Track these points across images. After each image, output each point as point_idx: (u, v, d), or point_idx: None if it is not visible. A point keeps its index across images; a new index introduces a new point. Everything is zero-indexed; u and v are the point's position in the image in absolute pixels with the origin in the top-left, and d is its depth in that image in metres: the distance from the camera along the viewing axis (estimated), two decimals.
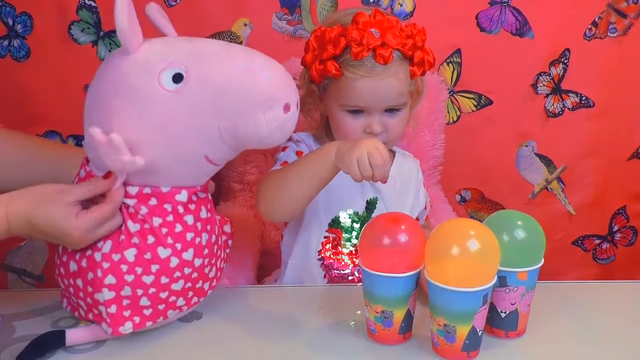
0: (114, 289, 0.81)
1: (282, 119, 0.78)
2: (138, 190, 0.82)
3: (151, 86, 0.77)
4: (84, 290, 0.82)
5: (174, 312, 0.87)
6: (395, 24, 0.94)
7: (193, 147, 0.80)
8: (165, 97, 0.77)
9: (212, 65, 0.78)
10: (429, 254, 0.80)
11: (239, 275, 1.12)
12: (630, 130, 1.57)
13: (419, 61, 0.96)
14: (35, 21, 1.38)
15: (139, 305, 0.83)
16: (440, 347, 0.80)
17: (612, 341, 0.88)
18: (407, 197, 1.09)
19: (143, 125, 0.78)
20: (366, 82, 0.94)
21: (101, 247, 0.81)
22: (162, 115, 0.78)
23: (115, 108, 0.78)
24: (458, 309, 0.77)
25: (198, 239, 0.86)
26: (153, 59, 0.78)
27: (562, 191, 1.61)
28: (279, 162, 1.03)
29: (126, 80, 0.78)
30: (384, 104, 0.97)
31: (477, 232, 0.78)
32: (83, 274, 0.82)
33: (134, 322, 0.83)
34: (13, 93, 1.41)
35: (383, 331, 0.84)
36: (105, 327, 0.82)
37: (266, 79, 0.78)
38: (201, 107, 0.77)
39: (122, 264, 0.81)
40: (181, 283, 0.85)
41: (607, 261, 1.71)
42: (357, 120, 0.99)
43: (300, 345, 0.86)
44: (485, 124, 1.53)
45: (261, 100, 0.77)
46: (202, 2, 1.39)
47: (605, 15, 1.47)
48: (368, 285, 0.83)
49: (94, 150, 0.79)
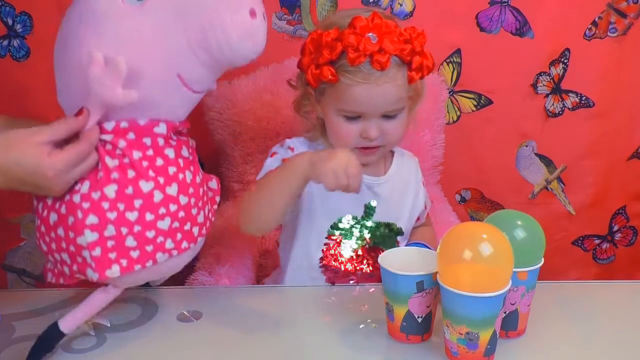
0: (97, 229, 0.77)
1: (250, 24, 0.77)
2: (115, 125, 0.79)
3: (113, 4, 0.76)
4: (65, 239, 0.79)
5: (163, 255, 0.82)
6: (393, 29, 0.93)
7: (164, 64, 0.77)
8: (129, 13, 0.76)
9: None
10: (442, 261, 0.79)
11: (239, 275, 1.12)
12: (630, 130, 1.57)
13: (417, 66, 0.94)
14: (35, 21, 1.38)
15: (125, 246, 0.79)
16: (461, 355, 0.79)
17: (612, 341, 0.87)
18: (406, 198, 1.09)
19: (111, 48, 0.75)
20: (363, 88, 0.93)
21: (79, 188, 0.78)
22: (128, 33, 0.76)
23: (82, 36, 0.76)
24: (482, 315, 0.76)
25: (181, 175, 0.83)
26: None
27: (562, 191, 1.61)
28: (264, 170, 1.02)
29: (89, 5, 0.77)
30: (381, 110, 0.96)
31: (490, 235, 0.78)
32: (63, 220, 0.78)
33: (121, 265, 0.79)
34: (13, 93, 1.41)
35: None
36: (90, 274, 0.78)
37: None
38: (166, 18, 0.76)
39: (102, 202, 0.77)
40: (167, 221, 0.81)
41: (607, 261, 1.71)
42: (353, 125, 0.97)
43: (300, 345, 0.86)
44: (485, 124, 1.53)
45: (229, 5, 0.76)
46: None
47: (605, 15, 1.47)
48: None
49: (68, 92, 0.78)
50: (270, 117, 1.31)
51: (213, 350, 0.86)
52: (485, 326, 0.77)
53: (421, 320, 0.84)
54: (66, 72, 0.81)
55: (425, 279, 0.82)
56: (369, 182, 1.04)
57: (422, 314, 0.84)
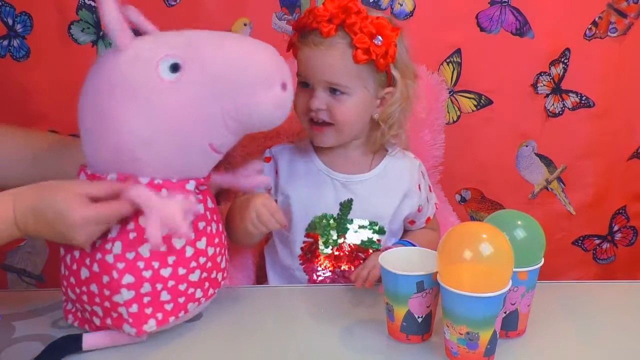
0: (133, 287, 0.80)
1: (281, 97, 0.81)
2: (149, 182, 0.81)
3: (150, 79, 0.78)
4: (100, 295, 0.81)
5: (193, 305, 0.87)
6: (357, 10, 0.96)
7: (198, 135, 0.81)
8: (166, 87, 0.78)
9: (207, 51, 0.80)
10: (442, 261, 0.79)
11: (239, 275, 1.12)
12: (630, 130, 1.57)
13: (363, 47, 0.96)
14: (35, 21, 1.38)
15: (160, 300, 0.82)
16: (461, 355, 0.79)
17: (612, 341, 0.88)
18: (391, 197, 1.08)
19: (147, 119, 0.78)
20: (308, 52, 0.98)
21: (110, 249, 0.80)
22: (165, 107, 0.78)
23: (115, 108, 0.79)
24: (482, 315, 0.77)
25: (209, 227, 0.87)
26: (147, 52, 0.79)
27: (562, 191, 1.61)
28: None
29: (123, 77, 0.78)
30: (322, 77, 0.98)
31: (490, 235, 0.78)
32: (97, 278, 0.81)
33: (157, 319, 0.82)
34: (13, 93, 1.41)
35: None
36: (128, 329, 0.81)
37: (264, 59, 0.81)
38: (202, 93, 0.79)
39: (138, 261, 0.80)
40: (197, 273, 0.85)
41: (607, 261, 1.71)
42: (303, 93, 1.01)
43: (300, 345, 0.86)
44: (485, 124, 1.53)
45: (261, 80, 0.80)
46: (202, 2, 1.39)
47: (606, 15, 1.47)
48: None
49: (98, 154, 0.80)
50: None
51: (213, 350, 0.86)
52: (486, 326, 0.77)
53: (421, 320, 0.84)
54: (95, 132, 0.82)
55: (426, 279, 0.82)
56: (344, 179, 1.06)
57: (422, 314, 0.84)
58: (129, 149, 0.79)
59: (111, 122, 0.79)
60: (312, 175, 1.07)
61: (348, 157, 1.08)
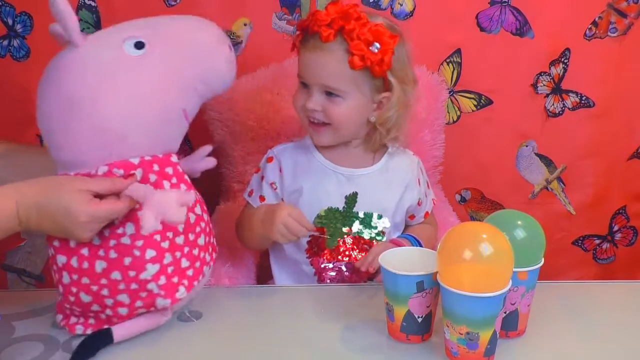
0: (157, 260, 0.83)
1: (230, 55, 0.94)
2: (140, 160, 0.85)
3: (119, 58, 0.84)
4: (124, 279, 0.82)
5: (207, 268, 0.92)
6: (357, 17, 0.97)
7: (174, 101, 0.87)
8: (136, 63, 0.84)
9: (166, 28, 0.90)
10: (442, 261, 0.79)
11: (239, 275, 1.12)
12: (630, 130, 1.57)
13: (359, 54, 0.97)
14: (35, 21, 1.38)
15: (182, 267, 0.86)
16: (461, 355, 0.80)
17: (612, 341, 0.88)
18: (392, 191, 1.10)
19: (125, 95, 0.83)
20: (308, 54, 1.01)
21: (123, 232, 0.82)
22: (139, 80, 0.84)
23: (90, 92, 0.81)
24: (482, 315, 0.77)
25: (197, 194, 0.91)
26: (108, 36, 0.87)
27: (562, 191, 1.61)
28: (249, 189, 1.14)
29: (91, 62, 0.83)
30: (318, 80, 1.01)
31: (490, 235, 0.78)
32: (117, 264, 0.82)
33: (184, 285, 0.86)
34: (13, 93, 1.41)
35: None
36: (161, 302, 0.84)
37: (212, 29, 0.94)
38: (171, 63, 0.86)
39: (154, 235, 0.83)
40: (203, 237, 0.91)
41: (607, 261, 1.71)
42: (302, 93, 1.04)
43: (300, 345, 0.86)
44: (485, 124, 1.53)
45: (214, 44, 0.92)
46: (202, 2, 1.39)
47: (606, 15, 1.46)
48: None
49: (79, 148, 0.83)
50: (270, 116, 1.31)
51: (213, 350, 0.86)
52: (486, 326, 0.77)
53: (421, 320, 0.84)
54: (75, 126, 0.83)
55: (426, 279, 0.82)
56: (348, 173, 1.08)
57: (422, 314, 0.84)
58: (113, 128, 0.82)
59: (89, 108, 0.81)
60: (316, 170, 1.09)
61: (350, 153, 1.10)
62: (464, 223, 0.89)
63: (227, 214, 1.30)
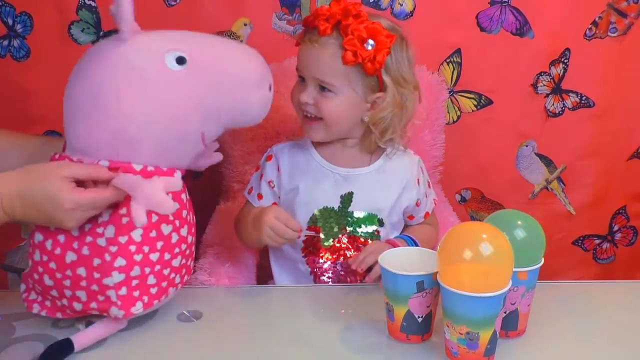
0: (124, 270, 0.82)
1: (268, 97, 0.92)
2: (142, 168, 0.83)
3: (157, 67, 0.83)
4: (87, 278, 0.82)
5: (173, 289, 0.89)
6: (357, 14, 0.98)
7: (195, 124, 0.86)
8: (172, 77, 0.83)
9: (211, 50, 0.88)
10: (442, 261, 0.79)
11: (239, 275, 1.12)
12: (630, 130, 1.57)
13: (351, 50, 0.97)
14: (35, 21, 1.38)
15: (147, 284, 0.85)
16: (461, 355, 0.79)
17: (612, 341, 0.88)
18: (390, 190, 1.10)
19: (150, 104, 0.82)
20: (305, 47, 1.02)
21: (102, 232, 0.82)
22: (168, 95, 0.83)
23: (119, 91, 0.81)
24: (482, 315, 0.77)
25: (189, 216, 0.90)
26: (154, 43, 0.84)
27: (562, 191, 1.61)
28: (248, 186, 1.14)
29: (129, 63, 0.82)
30: (313, 73, 1.02)
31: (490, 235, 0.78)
32: (86, 261, 0.82)
33: (143, 301, 0.85)
34: (13, 93, 1.41)
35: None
36: (115, 312, 0.83)
37: (258, 63, 0.91)
38: (205, 86, 0.85)
39: (130, 245, 0.82)
40: (179, 259, 0.88)
41: (607, 261, 1.71)
42: (299, 87, 1.05)
43: (300, 345, 0.86)
44: (485, 124, 1.53)
45: (256, 80, 0.89)
46: (202, 2, 1.39)
47: (606, 15, 1.47)
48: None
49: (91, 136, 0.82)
50: (270, 116, 1.28)
51: (213, 350, 0.86)
52: (486, 326, 0.77)
53: (421, 320, 0.84)
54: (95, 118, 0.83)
55: (426, 279, 0.82)
56: (344, 173, 1.09)
57: (422, 314, 0.84)
58: (128, 131, 0.82)
59: (113, 103, 0.81)
60: (313, 169, 1.09)
61: (347, 153, 1.10)
62: (464, 223, 0.89)
63: (227, 214, 1.30)
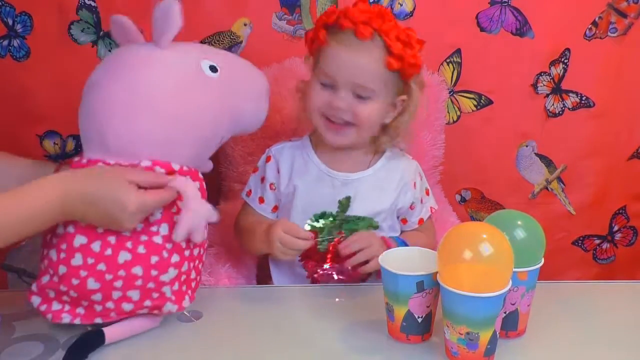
0: (178, 266, 0.86)
1: (267, 109, 1.02)
2: (180, 168, 0.88)
3: (197, 73, 0.90)
4: (144, 276, 0.83)
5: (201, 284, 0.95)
6: (389, 17, 0.98)
7: (223, 128, 0.95)
8: (209, 82, 0.90)
9: (233, 61, 0.98)
10: (442, 261, 0.79)
11: (239, 275, 1.12)
12: (630, 130, 1.57)
13: (397, 54, 0.97)
14: (35, 21, 1.38)
15: (190, 278, 0.90)
16: (461, 355, 0.79)
17: (612, 341, 0.88)
18: (386, 194, 1.09)
19: (193, 107, 0.88)
20: (339, 50, 0.98)
21: (157, 230, 0.84)
22: (206, 98, 0.90)
23: (167, 92, 0.86)
24: (482, 315, 0.77)
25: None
26: (192, 52, 0.92)
27: (562, 191, 1.61)
28: (248, 187, 1.14)
29: (173, 67, 0.88)
30: (351, 79, 0.98)
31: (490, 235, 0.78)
32: (142, 260, 0.83)
33: (189, 295, 0.90)
34: (13, 93, 1.41)
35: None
36: (169, 307, 0.86)
37: (266, 79, 1.02)
38: (232, 92, 0.94)
39: (182, 242, 0.85)
40: (204, 255, 0.94)
41: (607, 261, 1.71)
42: (324, 93, 1.01)
43: (300, 345, 0.86)
44: (485, 124, 1.53)
45: (266, 91, 1.02)
46: (202, 2, 1.39)
47: (606, 15, 1.47)
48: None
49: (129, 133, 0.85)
50: (270, 116, 1.29)
51: (213, 350, 0.86)
52: (486, 326, 0.77)
53: (421, 320, 0.84)
54: (137, 118, 0.86)
55: (425, 279, 0.82)
56: (343, 178, 1.07)
57: (422, 314, 0.84)
58: (174, 131, 0.87)
59: (161, 104, 0.86)
60: (312, 173, 1.08)
61: (348, 156, 1.09)
62: (464, 223, 0.89)
63: (227, 214, 1.30)
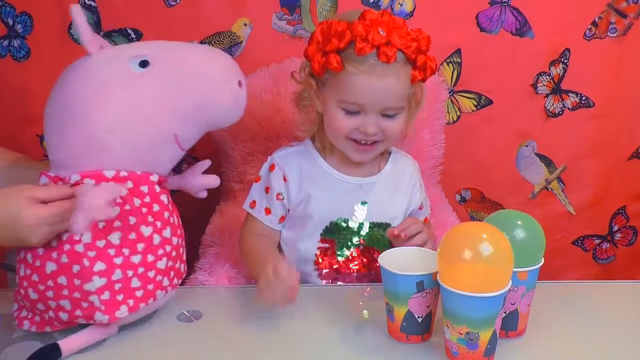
0: (105, 274, 0.82)
1: (238, 92, 0.93)
2: (115, 174, 0.85)
3: (122, 72, 0.86)
4: (69, 286, 0.82)
5: (161, 292, 0.89)
6: (401, 26, 0.94)
7: (165, 126, 0.88)
8: (136, 79, 0.86)
9: (173, 52, 0.92)
10: (441, 261, 0.79)
11: (239, 275, 1.12)
12: (630, 130, 1.57)
13: (421, 65, 0.95)
14: (35, 21, 1.38)
15: (131, 287, 0.85)
16: (461, 355, 0.79)
17: (612, 341, 0.88)
18: (399, 197, 1.09)
19: (117, 108, 0.85)
20: (366, 79, 0.93)
21: (79, 239, 0.82)
22: (134, 97, 0.86)
23: (87, 100, 0.85)
24: (482, 315, 0.77)
25: (172, 218, 0.91)
26: (119, 52, 0.90)
27: (562, 191, 1.61)
28: (250, 197, 1.08)
29: (97, 73, 0.86)
30: (381, 104, 0.95)
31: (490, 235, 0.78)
32: (66, 269, 0.82)
33: (128, 305, 0.84)
34: (13, 93, 1.41)
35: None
36: (99, 317, 0.83)
37: (225, 61, 0.94)
38: (170, 86, 0.88)
39: (108, 249, 0.83)
40: (164, 261, 0.88)
41: (607, 261, 1.71)
42: (351, 119, 0.97)
43: (300, 345, 0.86)
44: (485, 124, 1.53)
45: (223, 77, 0.92)
46: (202, 2, 1.39)
47: (605, 15, 1.47)
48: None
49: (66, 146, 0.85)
50: (270, 117, 1.31)
51: (213, 350, 0.86)
52: (485, 326, 0.77)
53: (421, 320, 0.84)
54: (67, 130, 0.86)
55: (425, 279, 0.82)
56: (356, 183, 1.05)
57: (422, 314, 0.84)
58: (99, 137, 0.84)
59: (82, 112, 0.84)
60: (323, 178, 1.05)
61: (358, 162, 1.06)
62: (464, 223, 0.89)
63: (227, 214, 1.30)
